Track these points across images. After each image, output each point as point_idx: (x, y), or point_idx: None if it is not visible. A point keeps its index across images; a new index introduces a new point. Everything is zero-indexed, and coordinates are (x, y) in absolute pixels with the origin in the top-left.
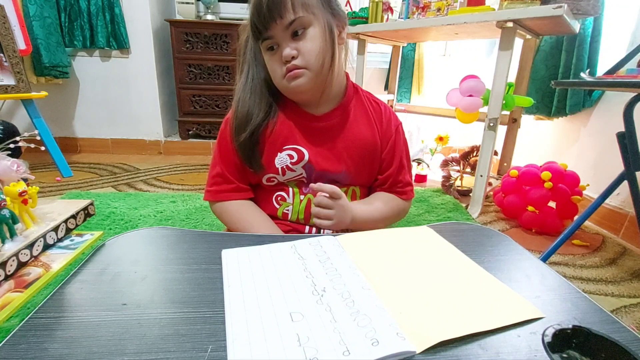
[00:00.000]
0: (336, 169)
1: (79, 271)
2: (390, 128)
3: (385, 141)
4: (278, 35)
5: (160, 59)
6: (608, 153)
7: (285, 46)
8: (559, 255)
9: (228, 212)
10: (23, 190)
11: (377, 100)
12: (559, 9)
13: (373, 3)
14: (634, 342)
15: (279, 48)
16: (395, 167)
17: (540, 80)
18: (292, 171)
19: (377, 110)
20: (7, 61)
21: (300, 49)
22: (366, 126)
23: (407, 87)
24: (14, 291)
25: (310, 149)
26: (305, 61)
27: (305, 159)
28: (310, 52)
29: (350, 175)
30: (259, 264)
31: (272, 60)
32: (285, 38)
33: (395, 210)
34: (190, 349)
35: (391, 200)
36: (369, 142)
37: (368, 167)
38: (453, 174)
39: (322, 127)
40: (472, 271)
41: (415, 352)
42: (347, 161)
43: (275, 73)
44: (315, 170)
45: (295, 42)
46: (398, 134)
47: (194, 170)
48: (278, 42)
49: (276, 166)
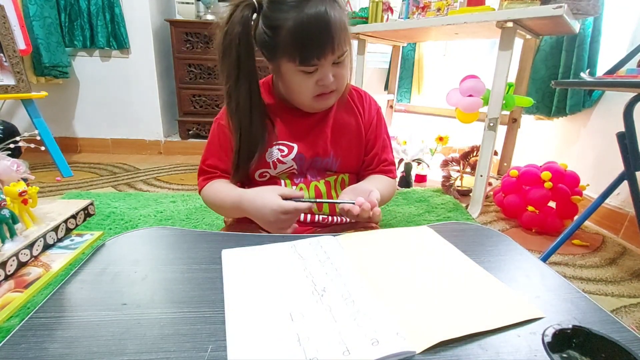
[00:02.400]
0: (326, 154)
1: (79, 271)
2: (371, 112)
3: (368, 124)
4: (325, 64)
5: (160, 59)
6: (608, 153)
7: (327, 72)
8: (559, 255)
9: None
10: (23, 190)
11: (356, 88)
12: (559, 9)
13: (373, 3)
14: (634, 342)
15: (316, 71)
16: (379, 147)
17: (540, 80)
18: (283, 164)
19: (359, 97)
20: (7, 61)
21: (337, 75)
22: (349, 113)
23: (407, 87)
24: (14, 291)
25: (299, 141)
26: (338, 85)
27: (294, 151)
28: (343, 78)
29: (339, 159)
30: (259, 264)
31: (306, 80)
32: (327, 65)
33: (387, 187)
34: (190, 349)
35: (383, 179)
36: (353, 127)
37: (355, 151)
38: (453, 174)
39: (310, 120)
40: (472, 271)
41: (415, 352)
42: (335, 146)
43: (306, 92)
44: (306, 159)
45: (334, 68)
46: (379, 117)
47: (194, 170)
48: (319, 68)
49: (267, 160)
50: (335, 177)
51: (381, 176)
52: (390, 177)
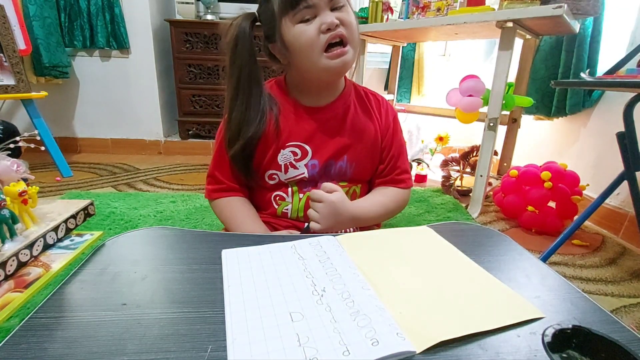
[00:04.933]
0: (339, 157)
1: (79, 271)
2: (388, 118)
3: (385, 131)
4: (319, 4)
5: (160, 59)
6: (608, 153)
7: (327, 14)
8: (559, 255)
9: (219, 209)
10: (23, 190)
11: (373, 93)
12: (559, 9)
13: (373, 3)
14: (634, 342)
15: (315, 19)
16: (394, 154)
17: (540, 80)
18: (296, 169)
19: (376, 103)
20: (7, 61)
21: (343, 19)
22: (366, 118)
23: (407, 87)
24: (14, 291)
25: (314, 143)
26: (348, 32)
27: (308, 155)
28: (351, 25)
29: (353, 165)
30: (259, 264)
31: (307, 31)
32: (325, 8)
33: (395, 200)
34: (190, 349)
35: (390, 191)
36: (370, 132)
37: (370, 158)
38: (453, 174)
39: (326, 118)
40: (472, 271)
41: (415, 352)
42: (349, 149)
43: (312, 47)
44: (319, 164)
45: (335, 13)
46: (395, 123)
47: (194, 170)
48: (317, 12)
49: (279, 162)
50: (347, 189)
51: (386, 187)
52: (402, 188)
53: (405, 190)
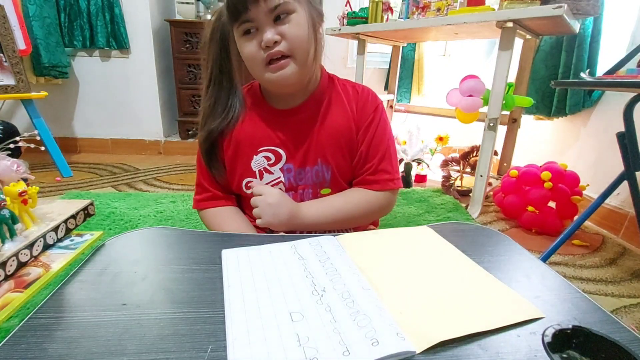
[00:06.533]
0: (313, 161)
1: (79, 271)
2: (365, 109)
3: (361, 123)
4: (259, 19)
5: (160, 59)
6: (608, 153)
7: (265, 29)
8: (559, 255)
9: (207, 219)
10: (23, 190)
11: (354, 85)
12: (559, 9)
13: (373, 3)
14: (634, 342)
15: (257, 32)
16: (364, 150)
17: (540, 80)
18: (271, 174)
19: (354, 95)
20: (7, 61)
21: (285, 33)
22: (341, 114)
23: (407, 87)
24: (14, 291)
25: (286, 147)
26: (290, 47)
27: (283, 159)
28: (295, 38)
29: (330, 168)
30: (259, 264)
31: (249, 45)
32: (266, 22)
33: (360, 203)
34: (190, 349)
35: (356, 194)
36: (344, 129)
37: (348, 157)
38: (453, 174)
39: (296, 120)
40: (472, 271)
41: (415, 352)
42: (325, 153)
43: (254, 61)
44: (294, 168)
45: (278, 26)
46: (376, 114)
47: (194, 170)
48: (258, 25)
49: (253, 169)
50: (329, 194)
51: (356, 190)
52: (375, 189)
53: (380, 192)
